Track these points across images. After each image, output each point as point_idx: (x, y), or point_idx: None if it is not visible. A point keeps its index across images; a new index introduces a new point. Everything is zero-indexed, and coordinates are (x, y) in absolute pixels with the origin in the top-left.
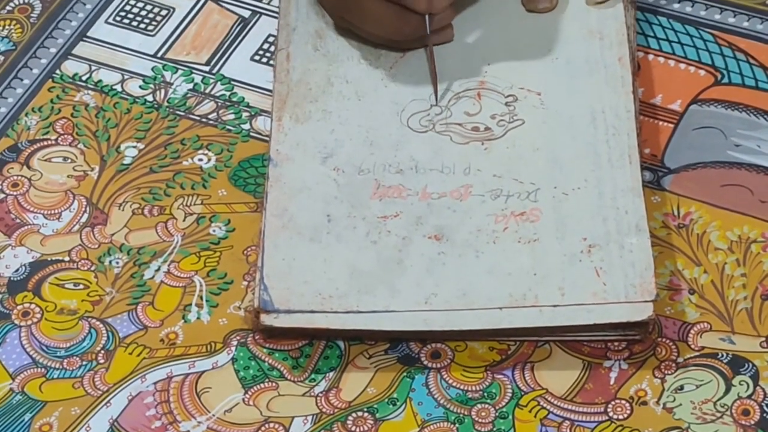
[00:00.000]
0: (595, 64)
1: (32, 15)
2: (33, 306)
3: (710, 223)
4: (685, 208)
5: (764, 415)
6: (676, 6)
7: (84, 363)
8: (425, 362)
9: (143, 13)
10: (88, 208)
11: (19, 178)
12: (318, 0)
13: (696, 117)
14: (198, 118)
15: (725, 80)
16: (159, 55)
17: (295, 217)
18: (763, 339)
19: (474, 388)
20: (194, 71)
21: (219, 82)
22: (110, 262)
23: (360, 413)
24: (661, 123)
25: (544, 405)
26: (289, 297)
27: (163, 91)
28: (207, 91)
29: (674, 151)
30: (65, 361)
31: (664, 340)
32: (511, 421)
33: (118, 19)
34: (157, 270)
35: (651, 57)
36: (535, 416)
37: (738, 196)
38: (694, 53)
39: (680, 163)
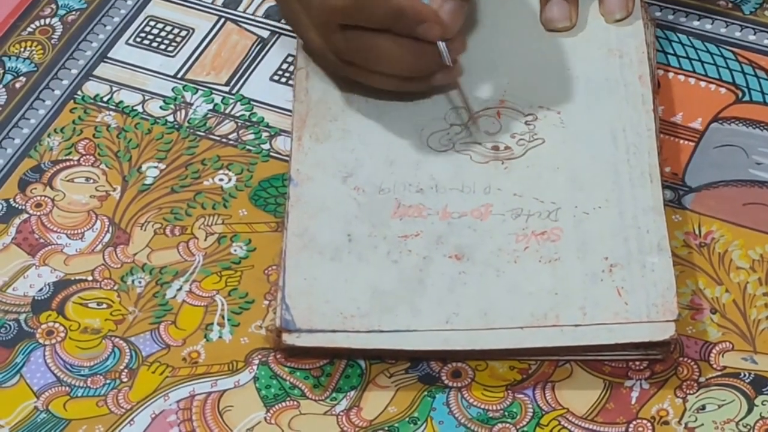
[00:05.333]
0: (615, 83)
1: (53, 36)
2: (57, 325)
3: (732, 242)
4: (707, 227)
5: None
6: (696, 23)
7: (108, 381)
8: (446, 381)
9: (163, 34)
10: (110, 228)
11: (43, 198)
12: (316, 52)
13: (717, 135)
14: (218, 138)
15: (746, 98)
16: (179, 75)
17: (316, 237)
18: None
19: (495, 408)
20: (214, 92)
21: (239, 103)
22: (133, 281)
23: None
24: (681, 141)
25: (565, 424)
26: (310, 316)
27: (183, 111)
28: (227, 111)
29: (695, 170)
30: (89, 379)
31: (685, 359)
32: None
33: (138, 40)
34: (179, 289)
35: (671, 75)
36: None
37: (760, 215)
38: (714, 71)
39: (701, 182)
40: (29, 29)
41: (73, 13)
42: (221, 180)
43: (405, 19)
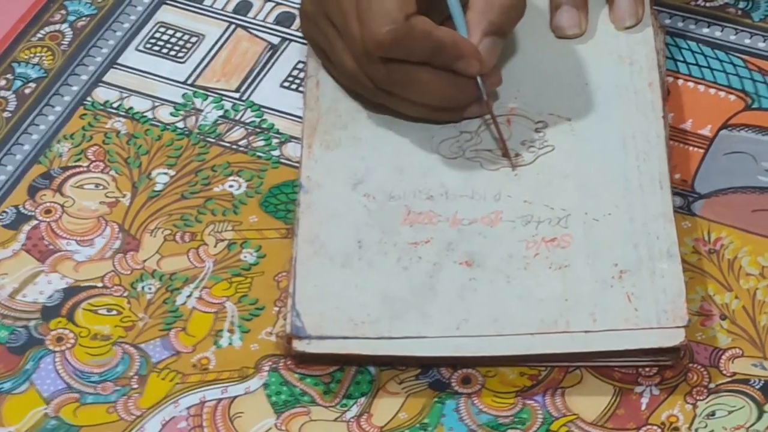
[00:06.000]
0: (625, 90)
1: (63, 42)
2: (67, 332)
3: (741, 248)
4: (716, 233)
5: None
6: (705, 30)
7: (118, 388)
8: (456, 388)
9: (173, 40)
10: (120, 235)
11: (52, 204)
12: (351, 77)
13: (726, 142)
14: (228, 144)
15: (756, 105)
16: (189, 82)
17: (326, 244)
18: None
19: (505, 414)
20: (224, 98)
21: (249, 109)
22: (143, 288)
23: None
24: (691, 148)
25: (575, 430)
26: (321, 323)
27: (193, 118)
28: (237, 117)
29: (705, 177)
30: (99, 386)
31: (695, 365)
32: None
33: (148, 46)
34: (189, 296)
35: (681, 82)
36: None
37: None
38: (724, 78)
39: (711, 189)
40: (39, 35)
41: (83, 19)
42: (231, 186)
43: (445, 54)
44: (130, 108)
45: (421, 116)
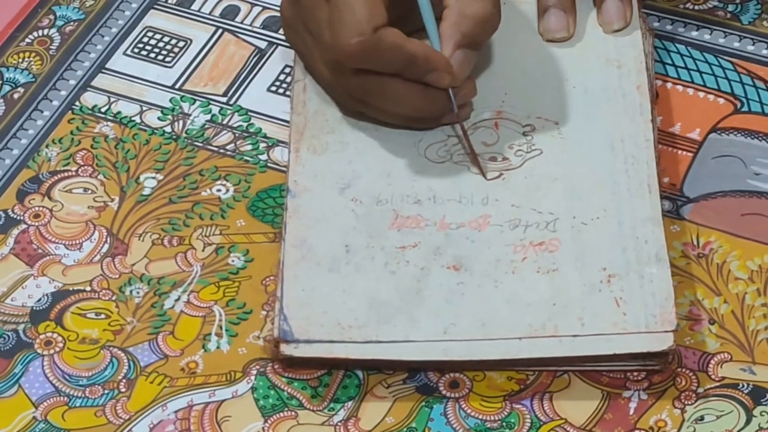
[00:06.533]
0: (614, 93)
1: (51, 47)
2: (55, 335)
3: (730, 252)
4: (705, 237)
5: None
6: (694, 33)
7: (106, 392)
8: (444, 392)
9: (161, 45)
10: (108, 239)
11: (41, 209)
12: (327, 86)
13: (715, 146)
14: (216, 149)
15: (744, 108)
16: (177, 86)
17: (313, 248)
18: None
19: (493, 418)
20: (212, 102)
21: (236, 113)
22: (131, 291)
23: None
24: (680, 152)
25: None
26: (308, 327)
27: (181, 122)
28: (224, 122)
29: (693, 180)
30: (87, 389)
31: (684, 370)
32: None
33: (136, 51)
34: (177, 300)
35: (669, 85)
36: None
37: (758, 225)
38: (713, 81)
39: (699, 192)
40: (27, 40)
41: (71, 23)
42: (219, 191)
43: (416, 67)
44: (118, 112)
45: (398, 124)
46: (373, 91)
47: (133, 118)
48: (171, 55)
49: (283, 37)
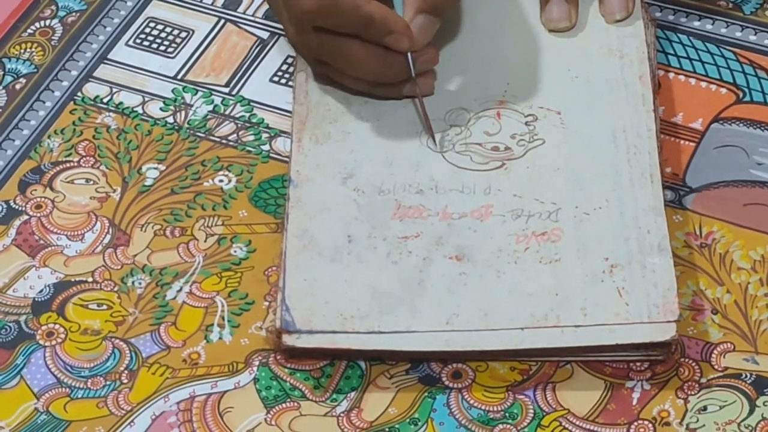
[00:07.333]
0: (616, 83)
1: (53, 38)
2: (57, 326)
3: (733, 242)
4: (708, 227)
5: None
6: (696, 23)
7: (108, 383)
8: (446, 382)
9: (163, 35)
10: (110, 230)
11: (43, 199)
12: (294, 46)
13: (718, 136)
14: (218, 139)
15: (747, 98)
16: (179, 77)
17: (315, 238)
18: None
19: (495, 409)
20: (214, 93)
21: (239, 104)
22: (133, 282)
23: None
24: (682, 142)
25: (566, 425)
26: (310, 317)
27: (183, 112)
28: (227, 112)
29: (696, 170)
30: (89, 381)
31: (686, 360)
32: None
33: (138, 41)
34: (179, 290)
35: (671, 75)
36: None
37: (761, 215)
38: (715, 71)
39: (702, 182)
40: (29, 31)
41: (73, 14)
42: (221, 181)
43: (374, 28)
44: (120, 103)
45: (361, 90)
46: (332, 51)
47: (135, 109)
48: (173, 45)
49: None
